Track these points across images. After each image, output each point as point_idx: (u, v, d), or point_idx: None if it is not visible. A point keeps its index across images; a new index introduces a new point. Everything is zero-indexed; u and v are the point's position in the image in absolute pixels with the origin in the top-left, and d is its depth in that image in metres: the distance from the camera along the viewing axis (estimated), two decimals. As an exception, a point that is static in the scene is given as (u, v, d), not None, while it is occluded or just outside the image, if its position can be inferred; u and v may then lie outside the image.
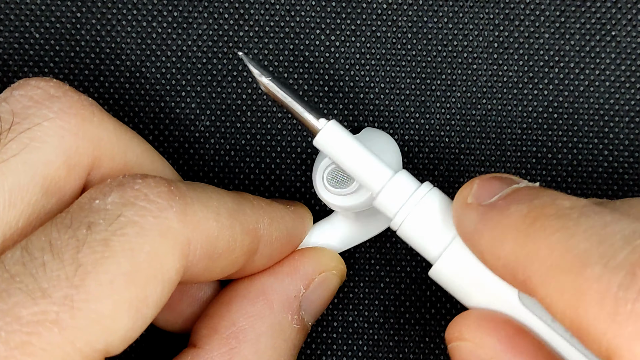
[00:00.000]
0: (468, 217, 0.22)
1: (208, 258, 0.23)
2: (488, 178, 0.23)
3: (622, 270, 0.18)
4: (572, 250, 0.19)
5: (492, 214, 0.22)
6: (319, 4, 0.30)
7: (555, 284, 0.19)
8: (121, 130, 0.25)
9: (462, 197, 0.23)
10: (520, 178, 0.23)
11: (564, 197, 0.21)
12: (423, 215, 0.24)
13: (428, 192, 0.25)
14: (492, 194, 0.23)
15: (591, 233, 0.19)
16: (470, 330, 0.23)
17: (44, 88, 0.24)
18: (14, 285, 0.19)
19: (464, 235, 0.23)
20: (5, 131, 0.22)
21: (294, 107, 0.25)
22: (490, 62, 0.30)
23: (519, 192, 0.22)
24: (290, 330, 0.27)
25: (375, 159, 0.25)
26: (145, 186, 0.22)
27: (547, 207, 0.21)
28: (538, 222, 0.20)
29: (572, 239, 0.19)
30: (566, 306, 0.19)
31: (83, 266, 0.20)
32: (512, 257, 0.21)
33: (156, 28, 0.31)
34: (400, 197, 0.25)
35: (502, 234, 0.21)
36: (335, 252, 0.28)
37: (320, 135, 0.25)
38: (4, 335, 0.19)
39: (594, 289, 0.18)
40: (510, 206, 0.21)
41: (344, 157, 0.25)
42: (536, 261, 0.20)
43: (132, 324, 0.21)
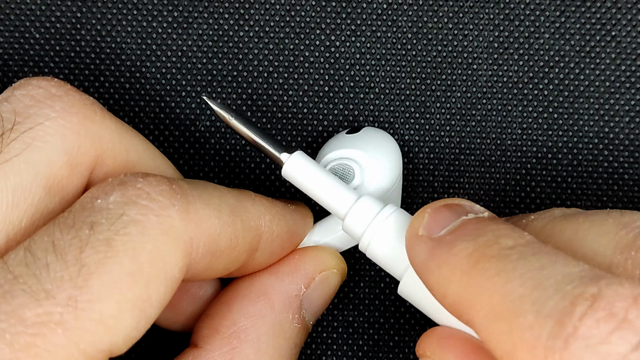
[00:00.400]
0: (418, 251, 0.23)
1: (210, 255, 0.23)
2: (438, 207, 0.24)
3: (551, 319, 0.18)
4: (508, 296, 0.19)
5: (440, 251, 0.22)
6: (319, 4, 0.30)
7: (493, 329, 0.20)
8: (123, 129, 0.25)
9: (413, 227, 0.23)
10: (471, 203, 0.24)
11: (509, 233, 0.21)
12: (386, 236, 0.25)
13: (391, 214, 0.25)
14: (442, 225, 0.23)
15: (527, 277, 0.19)
16: (432, 347, 0.24)
17: (46, 87, 0.24)
18: (18, 287, 0.19)
19: (415, 267, 0.23)
20: (7, 131, 0.22)
21: (260, 143, 0.26)
22: (490, 62, 0.30)
23: (466, 225, 0.22)
24: (292, 329, 0.27)
25: (339, 184, 0.26)
26: (147, 185, 0.22)
27: (489, 246, 0.21)
28: (480, 263, 0.21)
29: (509, 284, 0.20)
30: (502, 352, 0.19)
31: (86, 267, 0.20)
32: (457, 297, 0.21)
33: (156, 28, 0.31)
34: (364, 220, 0.25)
35: (447, 273, 0.21)
36: (336, 250, 0.28)
37: (285, 168, 0.26)
38: (8, 337, 0.19)
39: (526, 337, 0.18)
40: (457, 244, 0.22)
41: (309, 186, 0.26)
42: (477, 304, 0.20)
43: (136, 323, 0.20)
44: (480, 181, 0.31)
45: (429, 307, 0.24)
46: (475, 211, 0.23)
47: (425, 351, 0.24)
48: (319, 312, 0.28)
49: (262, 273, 0.27)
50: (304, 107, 0.31)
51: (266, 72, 0.31)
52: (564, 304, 0.18)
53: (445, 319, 0.24)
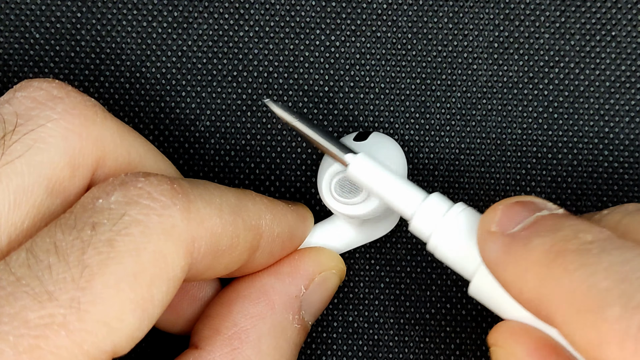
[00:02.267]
0: (491, 247, 0.23)
1: (212, 255, 0.23)
2: (511, 204, 0.23)
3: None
4: (592, 289, 0.19)
5: (515, 247, 0.22)
6: (319, 4, 0.30)
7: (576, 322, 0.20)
8: (124, 130, 0.25)
9: (485, 224, 0.23)
10: (544, 201, 0.23)
11: (587, 228, 0.21)
12: (455, 235, 0.25)
13: (460, 212, 0.25)
14: (516, 222, 0.23)
15: (612, 271, 0.19)
16: (504, 338, 0.23)
17: (47, 89, 0.24)
18: (21, 289, 0.19)
19: (488, 264, 0.23)
20: (9, 133, 0.22)
21: (324, 145, 0.26)
22: (490, 62, 0.30)
23: (542, 221, 0.22)
24: (292, 330, 0.27)
25: (405, 183, 0.26)
26: (148, 184, 0.22)
27: (568, 241, 0.21)
28: (560, 258, 0.20)
29: (593, 277, 0.19)
30: (588, 345, 0.19)
31: (89, 268, 0.20)
32: (535, 292, 0.21)
33: (156, 28, 0.31)
34: (433, 220, 0.25)
35: (525, 269, 0.21)
36: (335, 251, 0.28)
37: (350, 170, 0.26)
38: (12, 339, 0.19)
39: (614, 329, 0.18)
40: (533, 239, 0.21)
41: (375, 187, 0.26)
42: (558, 299, 0.20)
43: (139, 324, 0.21)
44: (480, 181, 0.31)
45: (502, 306, 0.24)
46: (548, 208, 0.23)
47: (497, 341, 0.24)
48: (318, 313, 0.28)
49: (262, 273, 0.27)
50: (304, 107, 0.31)
51: (266, 72, 0.31)
52: None
53: (519, 317, 0.24)
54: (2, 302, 0.19)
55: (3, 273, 0.20)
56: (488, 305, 0.25)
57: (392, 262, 0.31)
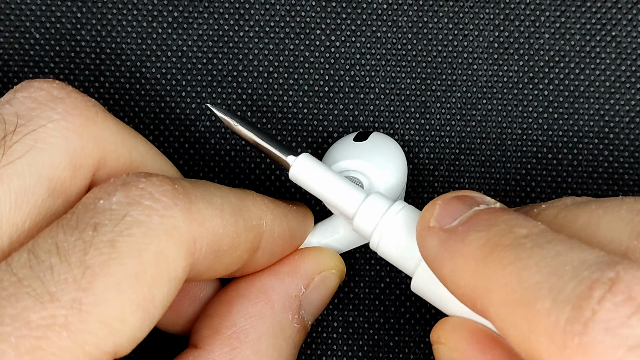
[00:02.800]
0: (430, 242, 0.23)
1: (213, 255, 0.23)
2: (449, 198, 0.23)
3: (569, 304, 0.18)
4: (524, 283, 0.19)
5: (452, 242, 0.22)
6: (319, 4, 0.30)
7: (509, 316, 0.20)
8: (125, 130, 0.25)
9: (424, 219, 0.23)
10: (481, 195, 0.24)
11: (521, 222, 0.21)
12: (395, 233, 0.25)
13: (400, 210, 0.25)
14: (453, 217, 0.23)
15: (543, 265, 0.20)
16: (446, 334, 0.24)
17: (48, 89, 0.24)
18: (22, 290, 0.19)
19: (427, 259, 0.23)
20: (10, 133, 0.22)
21: (265, 147, 0.26)
22: (490, 62, 0.30)
23: (478, 216, 0.22)
24: (291, 329, 0.27)
25: (347, 184, 0.26)
26: (150, 185, 0.22)
27: (503, 236, 0.21)
28: (494, 252, 0.21)
29: (525, 271, 0.20)
30: (520, 338, 0.19)
31: (90, 268, 0.20)
32: (471, 287, 0.21)
33: (156, 28, 0.31)
34: (373, 218, 0.25)
35: (461, 263, 0.21)
36: (335, 251, 0.28)
37: (292, 171, 0.26)
38: (13, 340, 0.19)
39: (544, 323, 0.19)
40: (470, 234, 0.22)
41: (316, 187, 0.26)
42: (492, 293, 0.20)
43: (140, 324, 0.21)
44: (480, 181, 0.31)
45: (442, 301, 0.24)
46: (486, 202, 0.23)
47: (439, 338, 0.24)
48: (317, 313, 0.28)
49: (262, 273, 0.27)
50: (304, 107, 0.31)
51: (266, 72, 0.31)
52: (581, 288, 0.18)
53: (459, 312, 0.24)
54: (4, 302, 0.19)
55: (5, 274, 0.20)
56: (430, 301, 0.25)
57: (392, 262, 0.31)
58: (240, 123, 0.27)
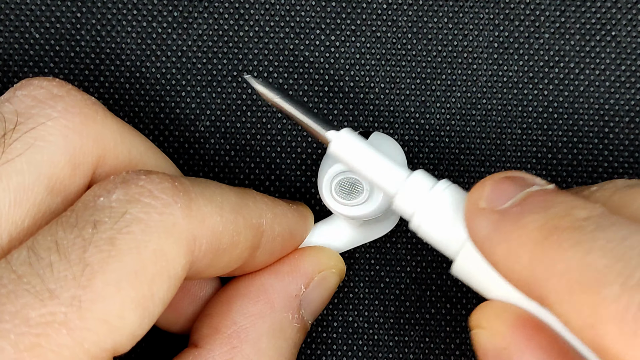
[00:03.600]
0: (480, 224, 0.22)
1: (213, 253, 0.23)
2: (500, 179, 0.23)
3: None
4: (589, 268, 0.19)
5: (506, 224, 0.21)
6: (319, 4, 0.30)
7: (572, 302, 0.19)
8: (124, 128, 0.25)
9: (473, 200, 0.22)
10: (533, 176, 0.23)
11: (580, 204, 0.21)
12: (440, 212, 0.24)
13: (445, 189, 0.24)
14: (505, 198, 0.22)
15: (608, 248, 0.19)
16: (488, 319, 0.23)
17: (47, 88, 0.24)
18: (22, 287, 0.19)
19: (477, 242, 0.22)
20: (9, 131, 0.22)
21: (305, 121, 0.26)
22: (490, 62, 0.30)
23: (533, 197, 0.22)
24: (291, 329, 0.27)
25: (389, 162, 0.25)
26: (149, 182, 0.22)
27: (562, 218, 0.20)
28: (554, 235, 0.20)
29: (589, 255, 0.19)
30: (584, 325, 0.19)
31: (90, 266, 0.20)
32: (528, 271, 0.20)
33: (156, 28, 0.31)
34: (417, 197, 0.24)
35: (516, 246, 0.21)
36: (335, 251, 0.28)
37: (332, 147, 0.25)
38: (13, 337, 0.19)
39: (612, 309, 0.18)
40: (525, 215, 0.21)
41: (357, 165, 0.25)
42: (552, 277, 0.19)
43: (140, 322, 0.21)
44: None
45: (486, 285, 0.23)
46: (538, 183, 0.22)
47: (480, 322, 0.23)
48: (317, 312, 0.28)
49: (261, 272, 0.27)
50: (304, 107, 0.31)
51: (266, 72, 0.31)
52: None
53: (504, 297, 0.23)
54: (4, 300, 0.19)
55: (4, 271, 0.20)
56: (472, 285, 0.24)
57: (392, 262, 0.31)
58: (279, 96, 0.26)
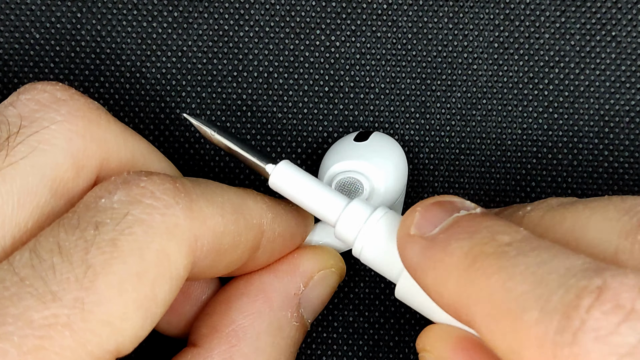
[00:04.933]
0: (411, 251, 0.22)
1: (214, 253, 0.23)
2: (429, 204, 0.23)
3: (557, 314, 0.18)
4: (510, 294, 0.19)
5: (434, 251, 0.22)
6: (319, 4, 0.30)
7: (495, 327, 0.19)
8: (127, 132, 0.25)
9: (404, 227, 0.23)
10: (462, 200, 0.23)
11: (504, 229, 0.21)
12: (378, 240, 0.25)
13: (382, 217, 0.25)
14: (434, 224, 0.22)
15: (528, 274, 0.19)
16: (432, 343, 0.23)
17: (51, 92, 0.24)
18: (24, 289, 0.19)
19: (408, 268, 0.23)
20: (13, 134, 0.22)
21: (245, 155, 0.26)
22: (490, 62, 0.30)
23: (459, 223, 0.22)
24: (290, 327, 0.27)
25: (328, 192, 0.26)
26: (151, 183, 0.22)
27: (486, 244, 0.21)
28: (477, 262, 0.20)
29: (510, 281, 0.19)
30: (508, 350, 0.19)
31: (92, 267, 0.20)
32: (455, 297, 0.21)
33: (156, 28, 0.31)
34: (355, 225, 0.25)
35: (444, 273, 0.21)
36: (335, 250, 0.28)
37: (272, 180, 0.26)
38: (16, 339, 0.19)
39: (533, 334, 0.18)
40: (451, 242, 0.21)
41: (297, 196, 0.26)
42: (478, 303, 0.20)
43: (142, 323, 0.21)
44: (480, 181, 0.31)
45: (427, 308, 0.24)
46: (466, 207, 0.23)
47: (425, 346, 0.24)
48: (317, 311, 0.28)
49: (260, 271, 0.27)
50: (304, 108, 0.31)
51: (266, 72, 0.31)
52: (569, 297, 0.18)
53: (444, 319, 0.24)
54: (6, 302, 0.19)
55: (7, 273, 0.20)
56: (415, 308, 0.25)
57: (392, 262, 0.31)
58: (218, 132, 0.26)
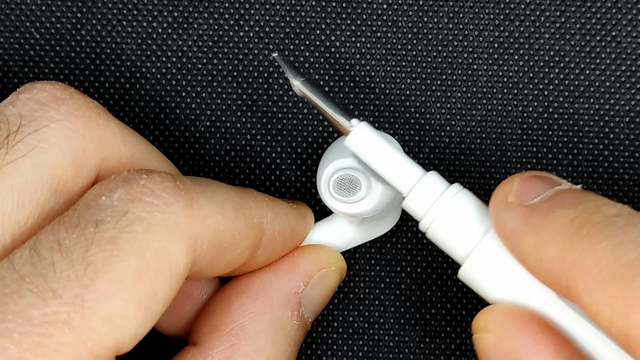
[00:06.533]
0: (508, 217, 0.22)
1: (214, 252, 0.23)
2: (529, 177, 0.23)
3: None
4: (620, 260, 0.19)
5: (536, 217, 0.21)
6: (319, 4, 0.30)
7: (602, 292, 0.19)
8: (127, 132, 0.25)
9: (501, 194, 0.23)
10: (560, 178, 0.23)
11: (609, 203, 0.21)
12: (451, 216, 0.24)
13: (458, 193, 0.24)
14: (534, 194, 0.22)
15: (639, 242, 0.19)
16: (496, 323, 0.23)
17: (50, 91, 0.24)
18: (24, 286, 0.19)
19: (504, 234, 0.22)
20: (12, 133, 0.22)
21: (326, 109, 0.25)
22: (491, 62, 0.30)
23: (562, 194, 0.22)
24: (290, 326, 0.27)
25: (405, 159, 0.25)
26: (151, 181, 0.22)
27: (593, 213, 0.21)
28: (584, 229, 0.20)
29: (620, 247, 0.19)
30: (614, 315, 0.19)
31: (92, 265, 0.20)
32: (556, 262, 0.21)
33: (156, 28, 0.31)
34: (429, 198, 0.24)
35: (546, 238, 0.21)
36: (335, 249, 0.28)
37: (351, 137, 0.25)
38: (16, 336, 0.19)
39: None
40: (555, 210, 0.21)
41: (373, 158, 0.25)
42: (582, 269, 0.20)
43: (142, 321, 0.21)
44: (480, 181, 0.31)
45: (494, 289, 0.24)
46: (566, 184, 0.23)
47: (487, 325, 0.23)
48: (318, 310, 0.28)
49: (261, 270, 0.27)
50: (304, 108, 0.31)
51: (266, 72, 0.31)
52: None
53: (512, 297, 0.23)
54: (6, 299, 0.19)
55: (7, 271, 0.20)
56: (478, 289, 0.24)
57: (392, 262, 0.31)
58: (303, 83, 0.26)
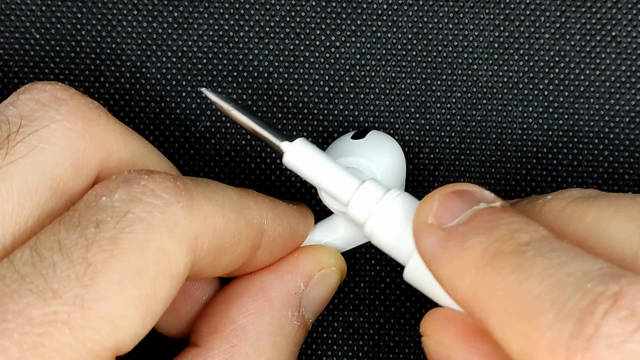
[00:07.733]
0: (427, 241, 0.22)
1: (214, 252, 0.23)
2: (448, 193, 0.23)
3: (572, 319, 0.18)
4: (526, 295, 0.19)
5: (452, 244, 0.21)
6: (319, 4, 0.30)
7: (509, 328, 0.19)
8: (127, 132, 0.25)
9: (422, 214, 0.23)
10: (481, 190, 0.23)
11: (523, 227, 0.21)
12: (390, 220, 0.25)
13: (396, 197, 0.25)
14: (453, 215, 0.22)
15: (545, 275, 0.19)
16: (433, 327, 0.23)
17: (51, 91, 0.24)
18: (25, 286, 0.19)
19: (424, 257, 0.23)
20: (13, 133, 0.22)
21: (260, 132, 0.26)
22: (491, 62, 0.30)
23: (479, 216, 0.22)
24: (291, 327, 0.27)
25: (342, 171, 0.25)
26: (152, 182, 0.22)
27: (505, 242, 0.21)
28: (495, 260, 0.20)
29: (527, 282, 0.19)
30: (520, 352, 0.19)
31: (93, 265, 0.20)
32: (470, 293, 0.21)
33: (156, 28, 0.31)
34: (368, 205, 0.25)
35: (460, 268, 0.21)
36: (336, 250, 0.28)
37: (286, 157, 0.26)
38: (16, 336, 0.19)
39: (546, 337, 0.18)
40: (470, 237, 0.21)
41: (311, 174, 0.26)
42: (492, 302, 0.20)
43: (142, 321, 0.21)
44: (480, 181, 0.31)
45: (435, 292, 0.24)
46: (485, 198, 0.23)
47: (426, 330, 0.23)
48: (318, 311, 0.28)
49: (261, 271, 0.27)
50: (304, 108, 0.31)
51: (266, 72, 0.31)
52: (585, 302, 0.18)
53: (451, 303, 0.23)
54: (7, 299, 0.19)
55: (7, 271, 0.20)
56: (423, 290, 0.25)
57: (392, 262, 0.31)
58: (235, 108, 0.26)
